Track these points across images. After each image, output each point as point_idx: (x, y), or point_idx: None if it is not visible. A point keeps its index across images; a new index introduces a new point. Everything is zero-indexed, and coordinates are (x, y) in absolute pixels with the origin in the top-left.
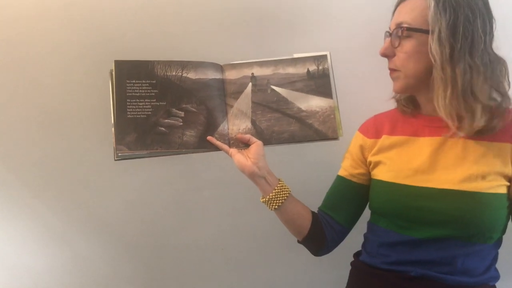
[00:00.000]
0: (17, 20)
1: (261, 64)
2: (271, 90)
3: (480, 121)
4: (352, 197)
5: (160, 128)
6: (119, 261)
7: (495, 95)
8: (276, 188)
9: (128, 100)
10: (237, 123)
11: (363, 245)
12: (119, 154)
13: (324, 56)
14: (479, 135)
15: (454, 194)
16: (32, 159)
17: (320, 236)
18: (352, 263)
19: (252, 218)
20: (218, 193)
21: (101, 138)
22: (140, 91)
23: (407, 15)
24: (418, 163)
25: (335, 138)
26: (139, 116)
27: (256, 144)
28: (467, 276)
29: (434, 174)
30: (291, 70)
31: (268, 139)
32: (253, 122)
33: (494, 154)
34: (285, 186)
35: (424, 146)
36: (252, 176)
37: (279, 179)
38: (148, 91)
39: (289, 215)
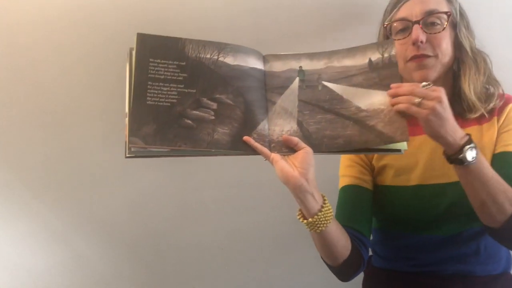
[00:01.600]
0: (19, 22)
1: (311, 56)
2: (322, 87)
3: (495, 103)
4: (369, 204)
5: (186, 120)
6: (119, 261)
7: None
8: (324, 206)
9: (149, 82)
10: (280, 123)
11: (374, 251)
12: (132, 149)
13: (390, 42)
14: (478, 120)
15: None
16: (32, 160)
17: (358, 256)
18: (364, 270)
19: (252, 218)
20: (218, 193)
21: (102, 138)
22: (166, 73)
23: (437, 5)
24: (424, 161)
25: (405, 140)
26: (161, 103)
27: (305, 151)
28: (492, 262)
29: (442, 169)
30: (348, 62)
31: (317, 145)
32: (299, 124)
33: (488, 133)
34: (329, 203)
35: (424, 143)
36: (298, 190)
37: (323, 195)
38: (176, 74)
39: (333, 237)
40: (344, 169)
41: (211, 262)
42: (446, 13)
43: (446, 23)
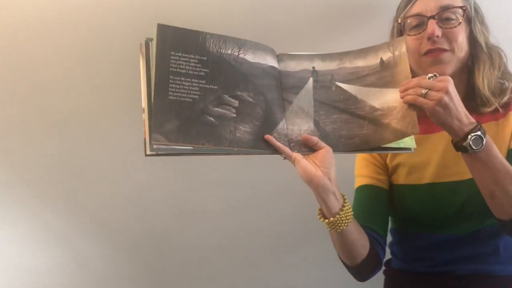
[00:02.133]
0: (20, 22)
1: (323, 57)
2: (336, 88)
3: (509, 97)
4: (385, 204)
5: (208, 117)
6: (120, 261)
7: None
8: (344, 205)
9: (171, 76)
10: (298, 123)
11: (393, 252)
12: (155, 147)
13: (401, 39)
14: (494, 116)
15: None
16: (33, 159)
17: (375, 256)
18: (385, 272)
19: (252, 218)
20: (218, 193)
21: (102, 138)
22: (187, 67)
23: (451, 0)
24: (437, 159)
25: (415, 133)
26: (183, 99)
27: (326, 150)
28: None
29: (455, 167)
30: (360, 62)
31: (335, 145)
32: (316, 123)
33: (504, 129)
34: (349, 203)
35: (437, 141)
36: (321, 189)
37: (342, 195)
38: (197, 69)
39: (352, 237)
40: (360, 169)
41: (211, 262)
42: (461, 7)
43: (461, 18)
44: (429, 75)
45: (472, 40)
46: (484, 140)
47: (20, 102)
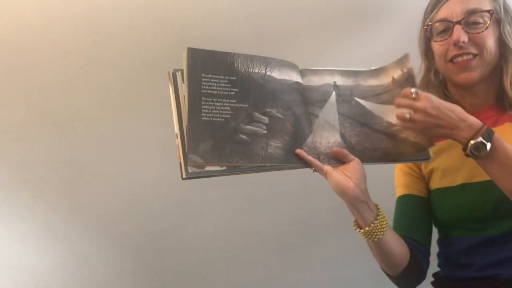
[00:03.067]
0: (22, 23)
1: (342, 73)
2: (355, 103)
3: None
4: (426, 213)
5: (241, 136)
6: (120, 261)
7: None
8: (379, 214)
9: (203, 98)
10: (325, 136)
11: (439, 263)
12: (190, 171)
13: (406, 56)
14: None
15: None
16: (33, 159)
17: (417, 266)
18: (433, 283)
19: (252, 218)
20: (218, 193)
21: (102, 138)
22: (218, 88)
23: (479, 3)
24: (469, 160)
25: (432, 145)
26: (216, 119)
27: (356, 162)
28: None
29: None
30: (373, 82)
31: (360, 157)
32: (342, 136)
33: None
34: (382, 212)
35: None
36: (355, 200)
37: (376, 204)
38: (227, 89)
39: (390, 246)
40: (397, 180)
41: (211, 262)
42: (488, 11)
43: (489, 22)
44: (412, 90)
45: (502, 42)
46: (488, 145)
47: (20, 103)
